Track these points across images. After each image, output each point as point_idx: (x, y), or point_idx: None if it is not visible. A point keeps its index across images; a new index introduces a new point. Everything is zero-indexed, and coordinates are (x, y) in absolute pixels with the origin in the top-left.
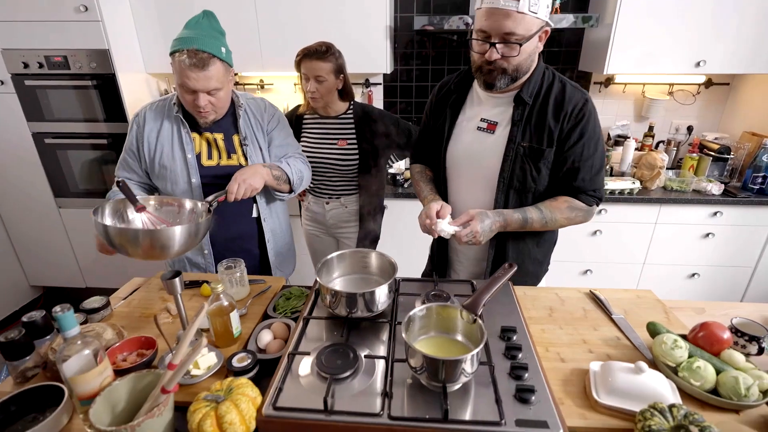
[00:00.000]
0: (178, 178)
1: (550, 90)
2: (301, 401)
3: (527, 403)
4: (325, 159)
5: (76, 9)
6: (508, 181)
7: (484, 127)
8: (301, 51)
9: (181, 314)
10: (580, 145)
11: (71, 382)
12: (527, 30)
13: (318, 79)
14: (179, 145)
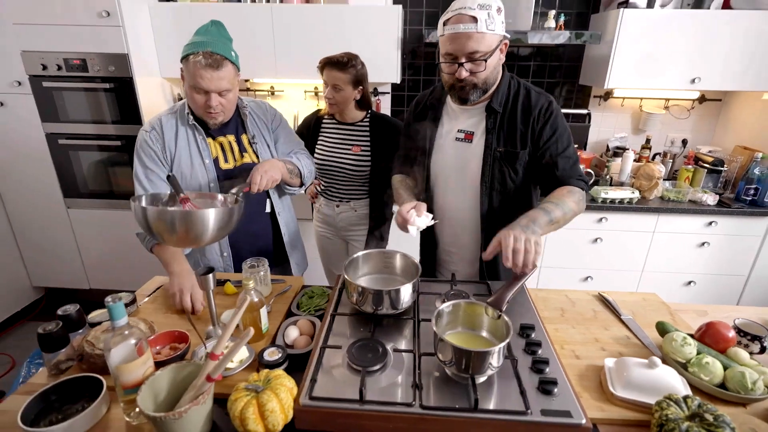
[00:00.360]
0: (198, 183)
1: (517, 97)
2: (335, 392)
3: (550, 395)
4: (339, 163)
5: (98, 14)
6: (489, 183)
7: (462, 138)
8: (324, 59)
9: (211, 310)
10: (553, 140)
11: (118, 370)
12: (488, 46)
13: (336, 87)
14: (197, 151)
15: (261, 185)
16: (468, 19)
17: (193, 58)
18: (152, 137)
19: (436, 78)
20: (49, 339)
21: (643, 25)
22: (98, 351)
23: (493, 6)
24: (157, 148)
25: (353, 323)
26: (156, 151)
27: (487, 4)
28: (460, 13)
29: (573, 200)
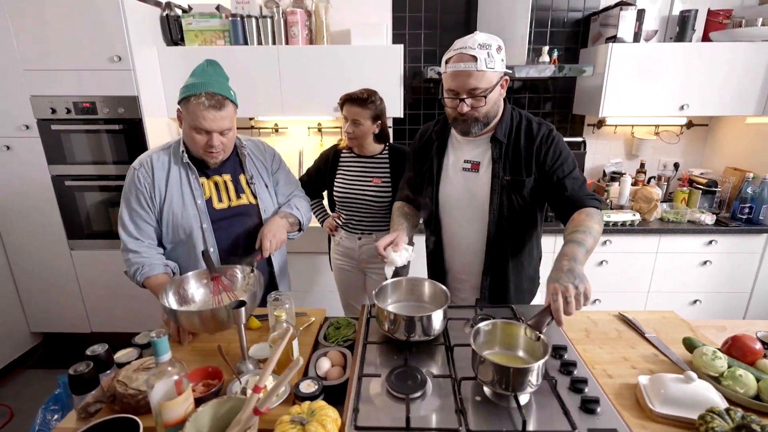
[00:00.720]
0: (190, 223)
1: (519, 127)
2: (379, 420)
3: (593, 414)
4: (360, 195)
5: (110, 59)
6: (497, 211)
7: (468, 168)
8: (344, 96)
9: (242, 344)
10: (558, 163)
11: (161, 407)
12: (488, 83)
13: (356, 122)
14: (189, 190)
15: (272, 249)
16: (468, 58)
17: (195, 100)
18: (141, 175)
19: (436, 111)
20: (80, 381)
21: (631, 57)
22: (132, 391)
23: (493, 45)
24: (146, 189)
25: (385, 351)
26: (144, 193)
27: (487, 43)
28: (461, 53)
29: (595, 222)
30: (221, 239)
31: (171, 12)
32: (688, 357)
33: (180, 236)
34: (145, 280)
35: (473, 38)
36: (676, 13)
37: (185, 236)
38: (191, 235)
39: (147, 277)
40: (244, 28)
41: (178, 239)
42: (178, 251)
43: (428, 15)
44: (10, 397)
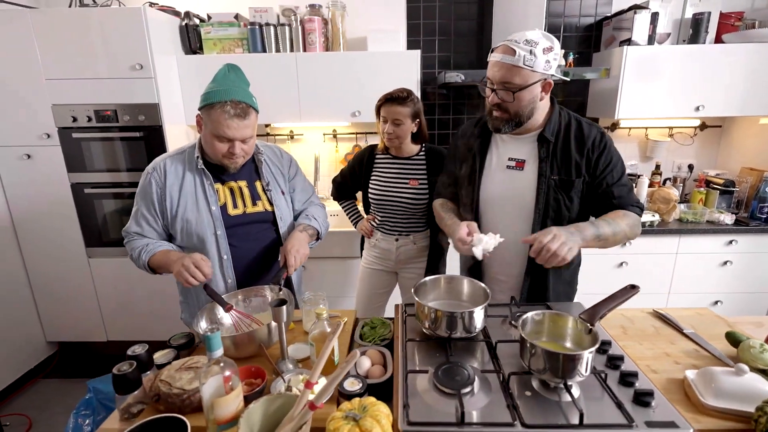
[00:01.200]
0: (204, 230)
1: (569, 128)
2: (431, 416)
3: (648, 407)
4: (397, 197)
5: (131, 67)
6: (543, 211)
7: (513, 165)
8: (384, 96)
9: (282, 343)
10: (609, 170)
11: (214, 404)
12: (523, 81)
13: (395, 122)
14: (203, 197)
15: (296, 265)
16: (509, 51)
17: (219, 108)
18: (153, 180)
19: (451, 117)
20: (123, 380)
21: (646, 59)
22: (176, 390)
23: (540, 44)
24: (156, 194)
25: (425, 349)
26: (153, 200)
27: (534, 41)
28: (505, 44)
29: (626, 223)
30: (236, 246)
31: (190, 21)
32: (730, 352)
33: (194, 242)
34: (151, 257)
35: (523, 33)
36: (688, 17)
37: (199, 243)
38: (204, 242)
39: (153, 254)
40: (263, 36)
41: (192, 245)
42: None
43: (442, 22)
44: (28, 406)
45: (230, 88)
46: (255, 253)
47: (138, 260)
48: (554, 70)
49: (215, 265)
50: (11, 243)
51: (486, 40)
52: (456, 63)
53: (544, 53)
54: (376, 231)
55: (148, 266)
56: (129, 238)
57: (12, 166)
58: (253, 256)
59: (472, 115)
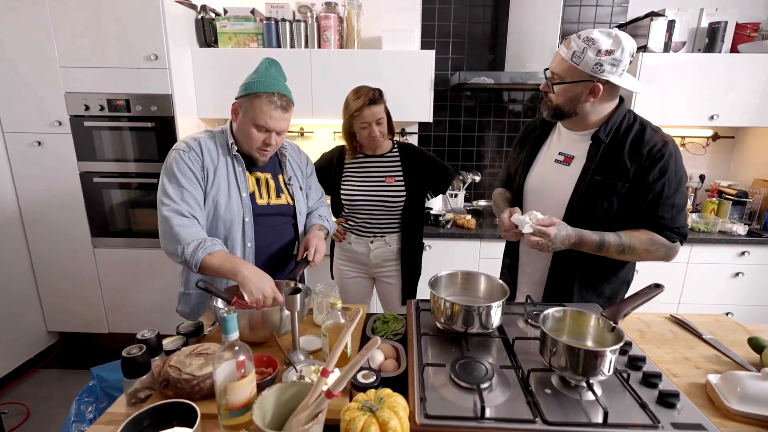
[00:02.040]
0: (233, 216)
1: (628, 131)
2: (449, 410)
3: (673, 408)
4: (373, 197)
5: (146, 57)
6: (576, 210)
7: (561, 160)
8: (361, 102)
9: (294, 333)
10: (660, 183)
11: (227, 389)
12: (564, 74)
13: (379, 122)
14: (235, 182)
15: (318, 260)
16: (567, 43)
17: (266, 98)
18: (191, 157)
19: (462, 119)
20: (132, 364)
21: (662, 66)
22: (186, 375)
23: (596, 45)
24: (197, 170)
25: (440, 343)
26: (195, 171)
27: (594, 40)
28: (570, 37)
29: (644, 248)
30: (259, 236)
31: (206, 14)
32: (752, 358)
33: (219, 230)
34: (206, 256)
35: (592, 30)
36: (704, 26)
37: (225, 230)
38: (231, 228)
39: (210, 253)
40: (278, 32)
41: (215, 233)
42: None
43: (456, 24)
44: (27, 395)
45: (275, 81)
46: (274, 246)
47: (192, 255)
48: (612, 75)
49: (237, 253)
50: (17, 230)
51: (500, 45)
52: (469, 66)
53: (598, 55)
54: (349, 234)
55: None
56: (178, 223)
57: (22, 153)
58: (272, 249)
59: (485, 118)
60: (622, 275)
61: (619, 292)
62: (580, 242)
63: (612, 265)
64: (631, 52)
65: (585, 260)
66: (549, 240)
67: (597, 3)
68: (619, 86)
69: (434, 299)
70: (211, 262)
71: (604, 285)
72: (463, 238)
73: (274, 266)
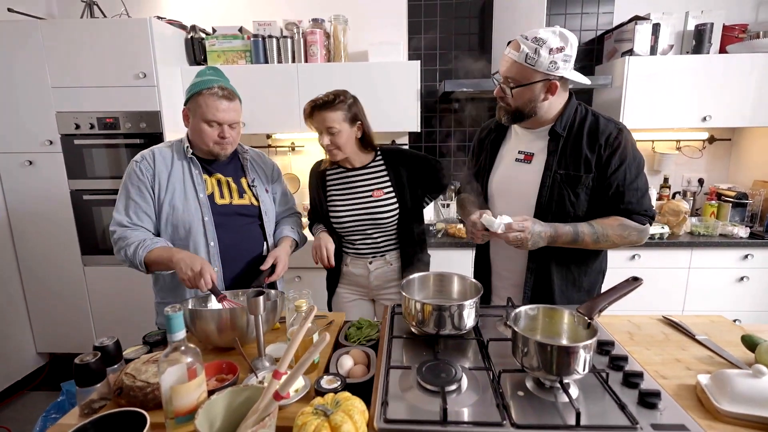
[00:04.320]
0: (191, 217)
1: (583, 123)
2: (411, 414)
3: (654, 408)
4: (362, 214)
5: (135, 76)
6: (545, 206)
7: (521, 158)
8: (309, 103)
9: (259, 339)
10: (621, 170)
11: (172, 392)
12: (523, 78)
13: (330, 131)
14: (191, 185)
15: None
16: (515, 46)
17: (207, 92)
18: (143, 167)
19: (453, 129)
20: (86, 371)
21: (649, 69)
22: (140, 383)
23: (547, 44)
24: (147, 180)
25: (413, 346)
26: (145, 184)
27: (543, 39)
28: (516, 39)
29: (616, 233)
30: (223, 236)
31: (196, 34)
32: (747, 358)
33: (179, 233)
34: (147, 254)
35: (537, 30)
36: (690, 29)
37: (185, 233)
38: (191, 230)
39: (150, 250)
40: (265, 48)
41: (177, 236)
42: None
43: (443, 36)
44: (11, 418)
45: (213, 79)
46: (241, 246)
47: (133, 256)
48: (565, 71)
49: (202, 253)
50: (8, 249)
51: (486, 54)
52: (457, 77)
53: (551, 53)
54: (346, 256)
55: (143, 263)
56: (120, 231)
57: (13, 172)
58: (238, 249)
59: (474, 128)
60: (597, 266)
61: (596, 284)
62: (556, 235)
63: (586, 256)
64: (575, 47)
65: (560, 255)
66: (527, 233)
67: (582, 11)
68: (568, 80)
69: (405, 301)
70: (150, 258)
71: (582, 278)
72: (455, 247)
73: (242, 267)
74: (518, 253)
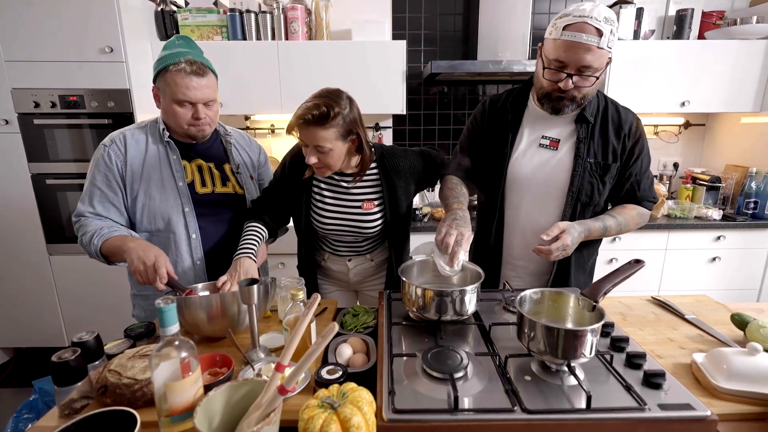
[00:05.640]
0: (170, 208)
1: (606, 110)
2: (420, 403)
3: (659, 388)
4: (349, 225)
5: (101, 50)
6: (576, 195)
7: (546, 144)
8: (295, 116)
9: (253, 329)
10: (640, 159)
11: (167, 389)
12: (601, 63)
13: (320, 150)
14: (169, 172)
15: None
16: (593, 31)
17: (174, 68)
18: (111, 153)
19: (437, 112)
20: (64, 369)
21: (632, 54)
22: (127, 380)
23: (615, 23)
24: (116, 167)
25: (413, 334)
26: (113, 171)
27: (612, 19)
28: (586, 23)
29: (634, 222)
30: (206, 227)
31: (166, 7)
32: (735, 336)
33: (158, 224)
34: (104, 242)
35: (597, 9)
36: (672, 14)
37: (164, 223)
38: (170, 221)
39: (108, 238)
40: (243, 24)
41: (155, 227)
42: (154, 242)
43: (428, 16)
44: None
45: (181, 52)
46: (224, 237)
47: (89, 246)
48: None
49: (183, 245)
50: None
51: (472, 35)
52: (442, 58)
53: (616, 31)
54: (323, 251)
55: (101, 253)
56: (81, 221)
57: None
58: (222, 240)
59: (460, 111)
60: (597, 247)
61: (594, 265)
62: (588, 234)
63: (593, 240)
64: None
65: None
66: (569, 249)
67: None
68: None
69: (405, 287)
70: (106, 248)
71: (588, 260)
72: None
73: (228, 260)
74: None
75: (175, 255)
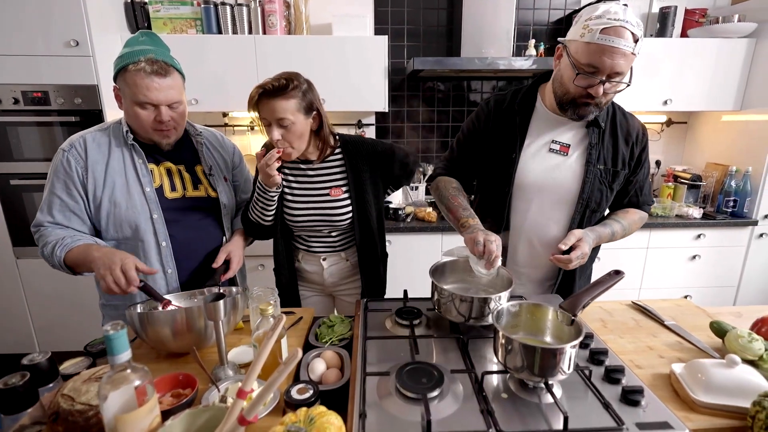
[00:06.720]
0: (137, 215)
1: (615, 116)
2: (392, 425)
3: (638, 406)
4: (317, 214)
5: (66, 44)
6: (586, 202)
7: (557, 149)
8: (255, 88)
9: (220, 345)
10: (644, 166)
11: (118, 422)
12: (628, 68)
13: (281, 123)
14: (135, 177)
15: (234, 269)
16: (629, 36)
17: (134, 68)
18: (71, 158)
19: (421, 108)
20: (12, 396)
21: None
22: (80, 406)
23: (641, 26)
24: (76, 174)
25: (389, 347)
26: (72, 178)
27: (641, 24)
28: (624, 27)
29: (637, 226)
30: (177, 234)
31: None
32: (714, 343)
33: (125, 232)
34: (68, 253)
35: (628, 12)
36: (655, 11)
37: (131, 231)
38: (138, 229)
39: (71, 248)
40: (218, 17)
41: (122, 235)
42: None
43: (411, 10)
44: None
45: (147, 49)
46: (197, 243)
47: (51, 257)
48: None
49: (152, 254)
50: None
51: (456, 31)
52: (426, 53)
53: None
54: (298, 251)
55: (65, 264)
56: (41, 230)
57: None
58: (194, 247)
59: (445, 108)
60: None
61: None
62: (599, 240)
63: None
64: None
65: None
66: (588, 255)
67: None
68: None
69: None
70: (71, 260)
71: (588, 265)
72: (424, 231)
73: (200, 267)
74: (545, 248)
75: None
